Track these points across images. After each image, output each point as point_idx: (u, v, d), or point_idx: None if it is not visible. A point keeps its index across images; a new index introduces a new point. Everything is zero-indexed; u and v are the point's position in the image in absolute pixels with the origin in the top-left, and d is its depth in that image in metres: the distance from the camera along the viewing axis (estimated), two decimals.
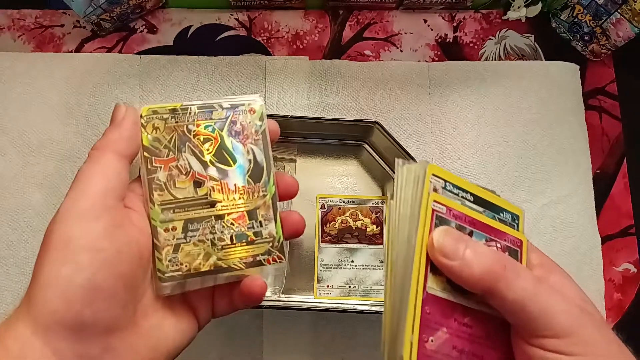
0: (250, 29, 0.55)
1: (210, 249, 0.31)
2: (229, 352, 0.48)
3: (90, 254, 0.26)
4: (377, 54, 0.55)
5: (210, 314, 0.34)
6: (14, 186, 0.49)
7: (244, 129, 0.33)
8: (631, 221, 0.53)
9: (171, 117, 0.32)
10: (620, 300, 0.51)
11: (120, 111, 0.32)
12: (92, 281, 0.26)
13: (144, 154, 0.32)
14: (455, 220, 0.28)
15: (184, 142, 0.32)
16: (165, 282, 0.30)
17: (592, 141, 0.54)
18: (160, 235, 0.31)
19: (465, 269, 0.26)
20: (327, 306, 0.45)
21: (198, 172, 0.32)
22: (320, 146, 0.51)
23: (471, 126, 0.53)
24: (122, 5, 0.50)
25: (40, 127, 0.50)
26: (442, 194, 0.29)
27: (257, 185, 0.33)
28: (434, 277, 0.27)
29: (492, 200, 0.31)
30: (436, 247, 0.26)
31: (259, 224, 0.32)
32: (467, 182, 0.30)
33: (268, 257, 0.32)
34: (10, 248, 0.48)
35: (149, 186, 0.31)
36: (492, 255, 0.27)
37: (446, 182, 0.29)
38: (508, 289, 0.26)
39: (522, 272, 0.27)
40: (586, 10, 0.52)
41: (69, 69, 0.52)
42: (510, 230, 0.30)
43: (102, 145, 0.30)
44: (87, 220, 0.27)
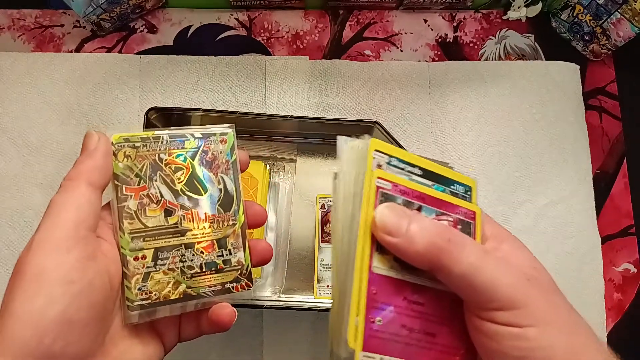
0: (250, 28, 0.55)
1: (179, 277, 0.32)
2: (229, 352, 0.48)
3: (63, 286, 0.26)
4: (377, 53, 0.55)
5: (176, 339, 0.34)
6: (14, 186, 0.49)
7: (215, 159, 0.33)
8: (631, 221, 0.53)
9: (143, 145, 0.32)
10: (620, 300, 0.51)
11: (92, 139, 0.31)
12: (65, 314, 0.26)
13: (115, 182, 0.31)
14: (402, 196, 0.27)
15: (156, 171, 0.32)
16: (134, 311, 0.30)
17: (592, 141, 0.54)
18: (129, 264, 0.31)
19: (409, 245, 0.25)
20: (327, 306, 0.45)
21: (169, 201, 0.32)
22: (320, 146, 0.51)
23: (471, 126, 0.53)
24: (122, 5, 0.50)
25: (40, 127, 0.50)
26: (386, 170, 0.28)
27: (227, 214, 0.33)
28: (380, 256, 0.26)
29: (443, 172, 0.30)
30: (378, 224, 0.26)
31: (228, 252, 0.33)
32: (414, 155, 0.29)
33: (236, 285, 0.33)
34: (10, 248, 0.48)
35: (119, 214, 0.31)
36: (436, 229, 0.26)
37: (391, 157, 0.28)
38: (453, 262, 0.25)
39: (468, 244, 0.26)
40: (586, 10, 0.52)
41: (69, 69, 0.52)
42: (462, 202, 0.29)
43: (75, 176, 0.30)
44: (59, 252, 0.27)
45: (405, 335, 0.26)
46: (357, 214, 0.26)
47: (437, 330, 0.27)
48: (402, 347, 0.26)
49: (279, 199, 0.49)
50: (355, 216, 0.27)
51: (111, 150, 0.31)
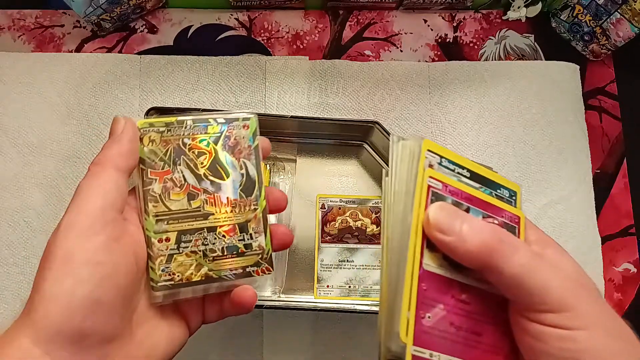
0: (250, 29, 0.55)
1: (202, 260, 0.32)
2: (229, 352, 0.48)
3: (91, 268, 0.27)
4: (377, 54, 0.55)
5: (200, 320, 0.34)
6: (14, 186, 0.49)
7: (237, 144, 0.34)
8: (631, 221, 0.53)
9: (167, 130, 0.33)
10: (621, 300, 0.51)
11: (119, 124, 0.32)
12: (93, 294, 0.27)
13: (140, 165, 0.32)
14: (451, 196, 0.28)
15: (179, 155, 0.33)
16: (158, 291, 0.31)
17: (592, 141, 0.54)
18: (154, 246, 0.31)
19: (461, 244, 0.26)
20: (327, 306, 0.45)
21: (192, 185, 0.33)
22: (320, 146, 0.51)
23: (471, 126, 0.53)
24: (122, 5, 0.50)
25: (40, 127, 0.51)
26: (437, 170, 0.28)
27: (249, 199, 0.33)
28: (430, 253, 0.27)
29: (489, 176, 0.30)
30: (432, 222, 0.26)
31: (249, 237, 0.33)
32: (463, 158, 0.29)
33: (257, 269, 0.33)
34: (10, 248, 0.48)
35: (144, 197, 0.32)
36: (489, 230, 0.26)
37: (442, 157, 0.28)
38: (505, 263, 0.25)
39: (519, 246, 0.26)
40: (586, 10, 0.52)
41: (69, 69, 0.52)
42: (507, 206, 0.30)
43: (102, 160, 0.30)
44: (87, 236, 0.27)
45: (453, 332, 0.27)
46: (410, 211, 0.27)
47: (482, 329, 0.27)
48: (450, 345, 0.26)
49: None
50: (407, 214, 0.27)
51: (137, 135, 0.32)
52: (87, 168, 0.50)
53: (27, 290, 0.47)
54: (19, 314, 0.49)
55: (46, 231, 0.49)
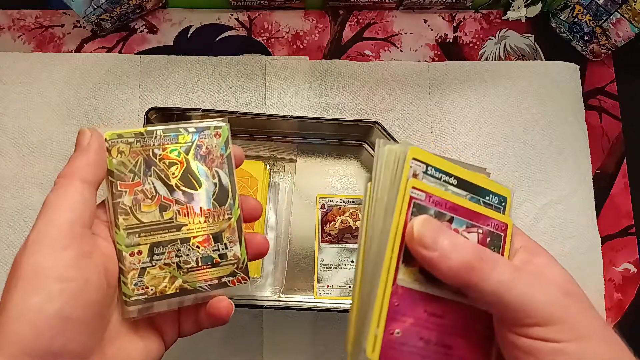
0: (250, 29, 0.55)
1: (176, 272, 0.32)
2: (229, 352, 0.48)
3: (60, 284, 0.26)
4: (377, 54, 0.55)
5: (176, 334, 0.34)
6: (14, 186, 0.49)
7: (209, 153, 0.33)
8: (631, 221, 0.53)
9: (136, 141, 0.32)
10: (620, 300, 0.51)
11: (85, 136, 0.31)
12: (62, 311, 0.26)
13: (109, 178, 0.31)
14: (434, 206, 0.27)
15: (150, 166, 0.32)
16: (131, 306, 0.31)
17: (592, 141, 0.54)
18: (125, 260, 0.31)
19: (443, 260, 0.25)
20: (327, 306, 0.45)
21: (164, 196, 0.32)
22: (320, 146, 0.51)
23: (471, 126, 0.53)
24: (122, 6, 0.50)
25: (40, 127, 0.51)
26: (422, 179, 0.27)
27: (223, 208, 0.33)
28: (405, 268, 0.26)
29: (478, 182, 0.29)
30: (415, 237, 0.26)
31: (224, 247, 0.33)
32: (451, 164, 0.29)
33: (233, 279, 0.33)
34: (10, 248, 0.48)
35: (114, 210, 0.31)
36: (470, 248, 0.26)
37: (428, 165, 0.28)
38: (484, 281, 0.25)
39: (499, 262, 0.26)
40: (586, 10, 0.52)
41: (69, 69, 0.52)
42: (494, 214, 0.29)
43: (68, 173, 0.29)
44: (55, 251, 0.27)
45: (422, 347, 0.26)
46: (389, 223, 0.26)
47: (453, 342, 0.27)
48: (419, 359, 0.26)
49: (279, 199, 0.49)
50: (385, 225, 0.26)
51: (104, 146, 0.31)
52: None
53: None
54: None
55: None
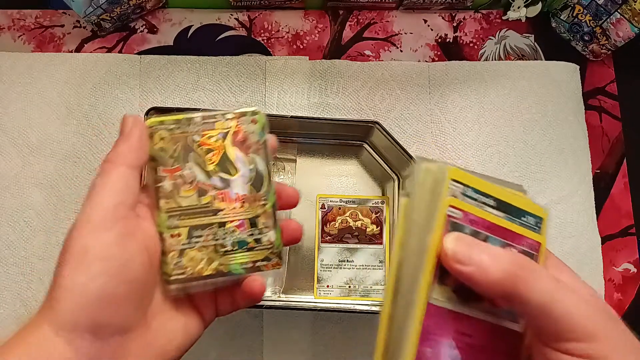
0: (250, 29, 0.55)
1: (213, 254, 0.33)
2: (229, 352, 0.48)
3: (103, 263, 0.28)
4: (377, 54, 0.55)
5: (214, 313, 0.35)
6: (14, 186, 0.49)
7: (246, 139, 0.34)
8: (631, 221, 0.53)
9: (176, 128, 0.33)
10: (620, 300, 0.51)
11: (128, 122, 0.33)
12: (105, 288, 0.28)
13: (151, 163, 0.33)
14: (470, 225, 0.27)
15: (189, 152, 0.33)
16: (171, 285, 0.32)
17: (592, 141, 0.54)
18: (166, 241, 0.32)
19: (482, 273, 0.25)
20: (327, 306, 0.45)
21: (202, 182, 0.33)
22: (320, 146, 0.51)
23: (471, 126, 0.53)
24: (122, 6, 0.50)
25: (40, 127, 0.51)
26: (461, 200, 0.27)
27: (259, 194, 0.34)
28: (439, 287, 0.26)
29: (516, 203, 0.29)
30: (449, 254, 0.26)
31: (259, 232, 0.34)
32: (490, 184, 0.28)
33: (267, 263, 0.34)
34: (10, 248, 0.48)
35: (156, 194, 0.33)
36: (509, 257, 0.26)
37: (466, 187, 0.28)
38: (529, 291, 0.25)
39: (542, 272, 0.26)
40: (586, 10, 0.52)
41: (69, 69, 0.52)
42: (529, 233, 0.29)
43: (113, 158, 0.31)
44: (100, 232, 0.29)
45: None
46: (425, 242, 0.26)
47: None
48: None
49: None
50: (422, 246, 0.26)
51: (146, 132, 0.33)
52: (86, 168, 0.50)
53: (27, 290, 0.48)
54: (18, 314, 0.49)
55: (46, 231, 0.49)
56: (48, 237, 0.48)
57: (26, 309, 0.47)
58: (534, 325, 0.27)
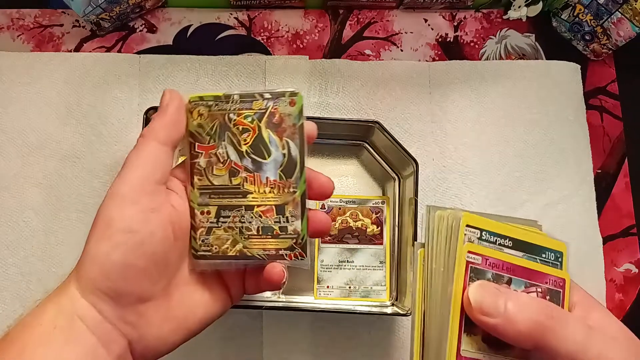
0: (250, 28, 0.55)
1: (238, 237, 0.33)
2: (229, 352, 0.48)
3: (125, 235, 0.29)
4: (377, 53, 0.55)
5: (241, 291, 0.36)
6: (13, 186, 0.49)
7: (282, 122, 0.33)
8: (632, 221, 0.53)
9: (215, 104, 0.33)
10: (622, 300, 0.51)
11: (165, 97, 0.33)
12: (125, 259, 0.29)
13: (189, 139, 0.33)
14: (491, 269, 0.27)
15: (224, 131, 0.33)
16: (197, 259, 0.33)
17: (593, 141, 0.54)
18: (196, 217, 0.33)
19: (510, 325, 0.25)
20: (327, 307, 0.45)
21: (234, 162, 0.33)
22: (320, 146, 0.50)
23: (472, 126, 0.52)
24: (122, 5, 0.50)
25: (39, 126, 0.50)
26: (478, 244, 0.27)
27: (289, 180, 0.33)
28: (467, 337, 0.26)
29: (533, 240, 0.29)
30: (474, 305, 0.25)
31: (285, 220, 0.33)
32: (504, 225, 0.28)
33: (290, 253, 0.33)
34: (10, 248, 0.48)
35: (191, 170, 0.33)
36: (536, 306, 0.25)
37: (482, 231, 0.27)
38: (558, 341, 0.25)
39: (571, 320, 0.25)
40: (587, 9, 0.52)
41: (69, 68, 0.52)
42: (552, 270, 0.29)
43: (146, 133, 0.32)
44: (125, 205, 0.30)
45: None
46: (448, 291, 0.26)
47: None
48: None
49: None
50: (445, 294, 0.26)
51: (182, 108, 0.33)
52: (86, 168, 0.50)
53: (26, 290, 0.47)
54: (18, 314, 0.49)
55: (45, 231, 0.48)
56: (47, 237, 0.48)
57: (25, 309, 0.47)
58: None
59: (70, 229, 0.49)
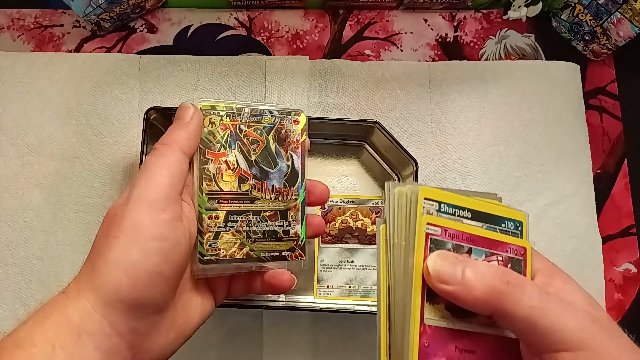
0: (250, 28, 0.55)
1: (245, 240, 0.35)
2: (229, 352, 0.48)
3: (157, 242, 0.29)
4: (377, 53, 0.55)
5: (225, 295, 0.37)
6: (13, 186, 0.49)
7: (287, 137, 0.37)
8: (632, 221, 0.53)
9: (227, 115, 0.35)
10: (621, 300, 0.51)
11: (189, 112, 0.34)
12: (157, 267, 0.28)
13: (199, 145, 0.34)
14: (451, 240, 0.27)
15: (235, 140, 0.35)
16: (203, 265, 0.34)
17: (592, 141, 0.54)
18: (204, 222, 0.34)
19: (467, 292, 0.25)
20: (327, 306, 0.45)
21: (243, 170, 0.35)
22: (320, 146, 0.50)
23: (471, 126, 0.52)
24: (122, 5, 0.50)
25: (39, 126, 0.50)
26: (436, 216, 0.28)
27: (292, 189, 0.36)
28: (430, 306, 0.26)
29: (492, 211, 0.29)
30: (432, 274, 0.26)
31: (288, 224, 0.36)
32: (463, 197, 0.29)
33: (291, 254, 0.36)
34: (10, 248, 0.48)
35: (200, 175, 0.34)
36: (493, 273, 0.26)
37: (440, 203, 0.28)
38: (515, 306, 0.25)
39: (528, 286, 0.26)
40: (587, 9, 0.52)
41: (69, 68, 0.52)
42: (512, 239, 0.29)
43: (170, 141, 0.32)
44: (155, 211, 0.29)
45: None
46: (409, 264, 0.26)
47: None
48: None
49: None
50: (407, 266, 0.26)
51: (202, 123, 0.34)
52: (86, 168, 0.50)
53: (27, 290, 0.47)
54: (18, 314, 0.49)
55: (45, 231, 0.48)
56: (47, 237, 0.48)
57: (25, 309, 0.47)
58: (523, 338, 0.26)
59: (70, 229, 0.49)
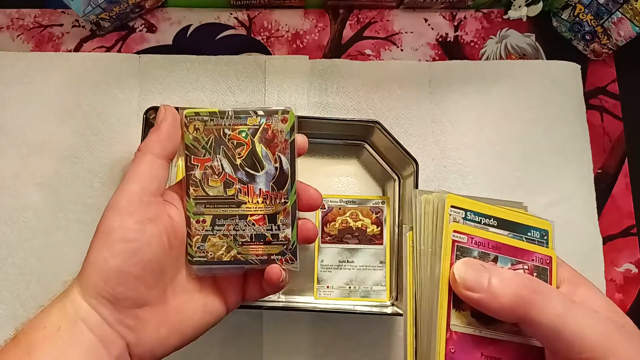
0: (250, 28, 0.55)
1: (232, 243, 0.35)
2: (229, 352, 0.48)
3: (123, 244, 0.31)
4: (377, 53, 0.55)
5: (240, 298, 0.38)
6: (13, 186, 0.49)
7: (274, 138, 0.36)
8: (633, 221, 0.53)
9: (210, 120, 0.35)
10: (622, 300, 0.51)
11: (160, 113, 0.35)
12: (122, 266, 0.31)
13: (185, 151, 0.35)
14: (478, 247, 0.28)
15: (219, 145, 0.35)
16: (192, 265, 0.35)
17: (593, 141, 0.54)
18: (192, 225, 0.35)
19: (493, 299, 0.25)
20: (327, 307, 0.45)
21: (229, 174, 0.35)
22: (320, 146, 0.50)
23: (472, 126, 0.52)
24: (121, 5, 0.50)
25: (39, 126, 0.50)
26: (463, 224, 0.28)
27: (280, 192, 0.36)
28: (456, 313, 0.27)
29: (518, 220, 0.30)
30: (459, 281, 0.26)
31: (277, 228, 0.36)
32: (489, 206, 0.29)
33: (282, 257, 0.36)
34: (10, 248, 0.48)
35: (187, 181, 0.35)
36: (519, 281, 0.26)
37: (466, 211, 0.28)
38: (540, 314, 0.25)
39: (553, 294, 0.26)
40: (587, 9, 0.52)
41: (68, 68, 0.52)
42: (538, 248, 0.29)
43: (142, 147, 0.34)
44: (123, 216, 0.32)
45: None
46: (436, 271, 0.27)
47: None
48: None
49: None
50: (433, 273, 0.27)
51: (177, 122, 0.35)
52: (86, 168, 0.50)
53: (26, 290, 0.47)
54: (17, 314, 0.49)
55: (45, 231, 0.48)
56: (47, 237, 0.48)
57: (25, 309, 0.47)
58: (547, 346, 0.27)
59: (70, 229, 0.49)
